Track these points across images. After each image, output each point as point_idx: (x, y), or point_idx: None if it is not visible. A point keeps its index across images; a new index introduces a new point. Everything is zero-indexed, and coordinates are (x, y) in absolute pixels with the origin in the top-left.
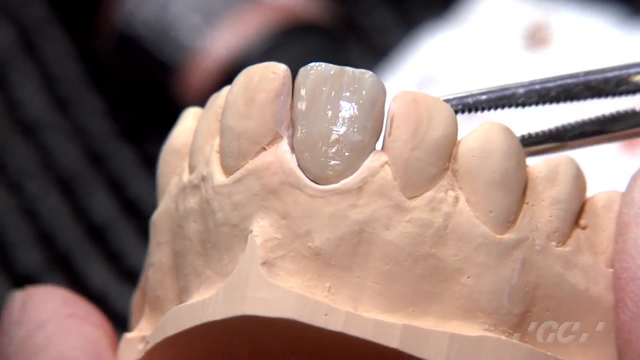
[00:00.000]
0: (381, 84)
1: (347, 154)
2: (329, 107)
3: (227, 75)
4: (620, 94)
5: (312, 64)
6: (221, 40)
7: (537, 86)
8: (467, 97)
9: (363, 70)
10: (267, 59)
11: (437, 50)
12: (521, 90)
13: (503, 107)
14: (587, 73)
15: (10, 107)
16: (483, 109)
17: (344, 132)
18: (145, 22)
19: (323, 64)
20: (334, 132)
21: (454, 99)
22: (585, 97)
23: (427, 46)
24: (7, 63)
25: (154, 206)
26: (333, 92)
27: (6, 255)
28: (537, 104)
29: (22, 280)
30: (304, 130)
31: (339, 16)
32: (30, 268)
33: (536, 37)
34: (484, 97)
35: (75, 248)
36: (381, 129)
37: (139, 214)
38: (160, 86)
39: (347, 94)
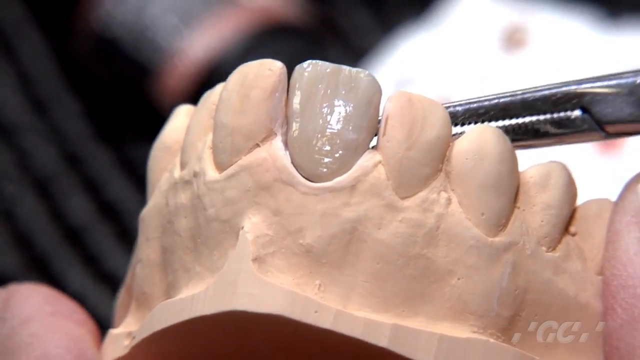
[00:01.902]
0: (377, 83)
1: (341, 152)
2: (324, 105)
3: (204, 77)
4: (559, 111)
5: (309, 61)
6: (199, 42)
7: (475, 105)
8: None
9: (359, 70)
10: (244, 61)
11: (414, 51)
12: (459, 109)
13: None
14: (524, 91)
15: None
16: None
17: (339, 131)
18: (122, 24)
19: (320, 62)
20: (328, 130)
21: None
22: (523, 116)
23: (405, 47)
24: None
25: (131, 208)
26: (329, 90)
27: None
28: (475, 122)
29: (0, 282)
30: (298, 128)
31: (317, 17)
32: (7, 270)
33: (513, 39)
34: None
35: (53, 250)
36: (376, 128)
37: (116, 216)
38: (138, 88)
39: (343, 92)
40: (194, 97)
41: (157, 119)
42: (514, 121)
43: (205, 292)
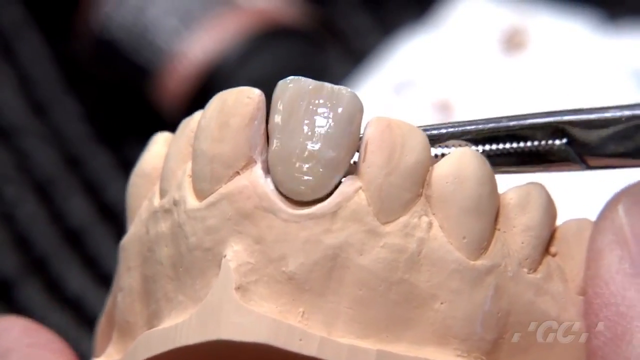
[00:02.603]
0: (359, 101)
1: (320, 170)
2: (305, 122)
3: (204, 79)
4: (542, 140)
5: (291, 77)
6: (198, 44)
7: (459, 129)
8: None
9: (341, 87)
10: (244, 63)
11: (414, 54)
12: (443, 132)
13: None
14: (509, 118)
15: None
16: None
17: (319, 148)
18: (122, 26)
19: (302, 79)
20: (308, 147)
21: None
22: (507, 142)
23: (405, 50)
24: None
25: None
26: (310, 107)
27: None
28: (460, 146)
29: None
30: (279, 144)
31: (318, 20)
32: (7, 272)
33: (513, 41)
34: None
35: (52, 252)
36: (356, 147)
37: (115, 217)
38: (138, 90)
39: (324, 109)
40: (193, 99)
41: (157, 121)
42: (499, 146)
43: (190, 322)
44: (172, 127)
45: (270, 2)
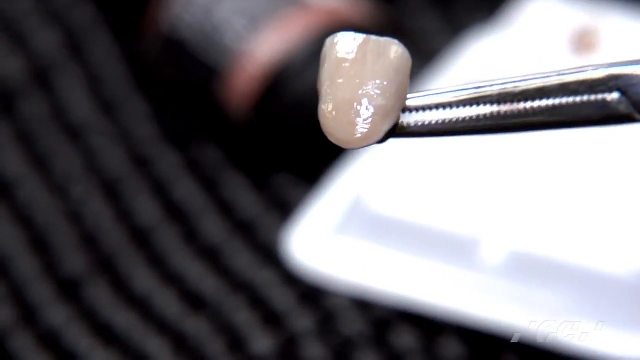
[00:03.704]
0: (406, 52)
1: (371, 118)
2: (353, 73)
3: (271, 79)
4: (595, 93)
5: (339, 33)
6: (266, 44)
7: (511, 83)
8: (440, 90)
9: (388, 39)
10: (311, 63)
11: (483, 54)
12: (495, 89)
13: (478, 104)
14: (559, 72)
15: (56, 110)
16: (458, 106)
17: (369, 97)
18: (190, 26)
19: (349, 33)
20: (358, 97)
21: (427, 93)
22: (559, 96)
23: (473, 50)
24: (54, 66)
25: (198, 210)
26: (358, 59)
27: (51, 258)
28: (511, 102)
29: (67, 283)
30: (327, 97)
31: (386, 19)
32: (74, 272)
33: (583, 42)
34: (456, 94)
35: (119, 252)
36: (405, 96)
37: (183, 217)
38: (205, 90)
39: (372, 60)
40: (260, 99)
41: (224, 121)
42: (550, 102)
43: None
44: (239, 126)
45: (340, 1)
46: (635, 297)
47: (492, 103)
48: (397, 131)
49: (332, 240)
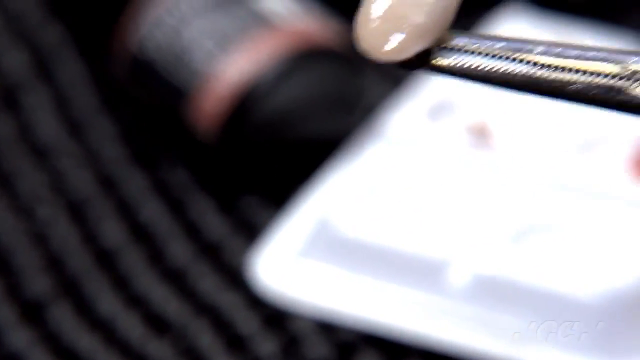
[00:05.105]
0: None
1: (405, 33)
2: None
3: (239, 101)
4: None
5: None
6: (234, 66)
7: (555, 49)
8: (483, 36)
9: None
10: (280, 84)
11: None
12: (538, 49)
13: (516, 60)
14: (608, 50)
15: (22, 130)
16: (496, 57)
17: (409, 12)
18: (159, 47)
19: None
20: (400, 9)
21: (469, 35)
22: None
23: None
24: (21, 86)
25: (164, 231)
26: None
27: (15, 280)
28: (550, 67)
29: (30, 305)
30: (369, 4)
31: (355, 42)
32: (38, 294)
33: None
34: (499, 43)
35: (84, 273)
36: (446, 23)
37: (148, 239)
38: (174, 111)
39: None
40: (228, 121)
41: (192, 143)
42: (589, 78)
43: None
44: (207, 148)
45: (309, 23)
46: (599, 321)
47: (532, 64)
48: (429, 63)
49: (298, 263)
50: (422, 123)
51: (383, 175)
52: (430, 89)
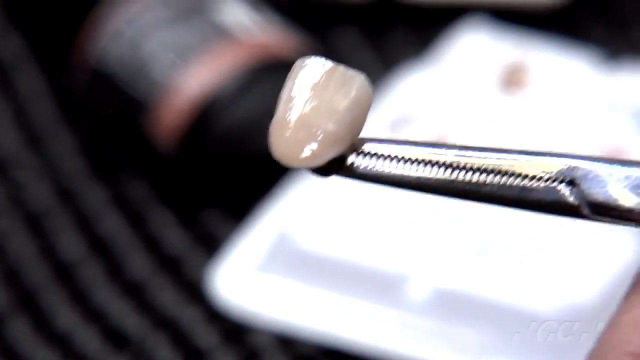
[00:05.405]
0: (369, 89)
1: (319, 141)
2: (312, 95)
3: (199, 113)
4: (548, 180)
5: (310, 56)
6: (195, 78)
7: (467, 152)
8: (396, 142)
9: (356, 72)
10: (241, 97)
11: (412, 89)
12: (449, 152)
13: (429, 164)
14: (516, 151)
15: None
16: (409, 161)
17: (321, 121)
18: (118, 59)
19: (319, 58)
20: (312, 118)
21: (383, 141)
22: (511, 176)
23: (402, 86)
24: None
25: (123, 244)
26: (321, 84)
27: None
28: (464, 169)
29: None
30: (282, 111)
31: (317, 54)
32: None
33: (512, 79)
34: (412, 148)
35: (42, 287)
36: (359, 130)
37: (107, 253)
38: (133, 123)
39: (334, 88)
40: (188, 133)
41: (152, 155)
42: (502, 179)
43: None
44: (167, 161)
45: (270, 35)
46: (557, 335)
47: (444, 167)
48: (343, 168)
49: (257, 277)
50: (384, 135)
51: (342, 189)
52: (392, 102)
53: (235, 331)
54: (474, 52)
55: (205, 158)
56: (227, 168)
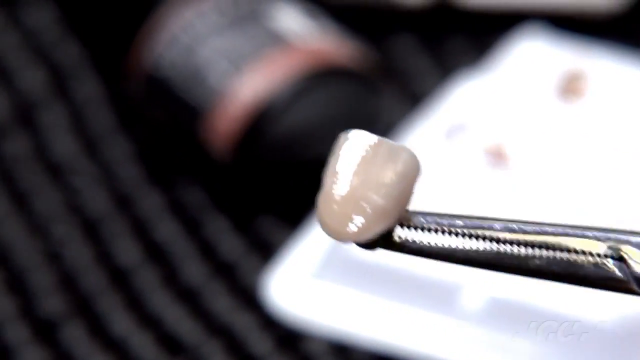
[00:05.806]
0: (417, 161)
1: (366, 216)
2: (359, 170)
3: (254, 120)
4: (596, 256)
5: (355, 130)
6: (249, 85)
7: (515, 226)
8: (443, 216)
9: (401, 145)
10: (295, 103)
11: (468, 97)
12: (497, 226)
13: (477, 238)
14: (564, 227)
15: (38, 149)
16: (457, 235)
17: (369, 195)
18: (173, 65)
19: (364, 132)
20: (360, 192)
21: (430, 214)
22: (559, 250)
23: (459, 93)
24: (37, 104)
25: (178, 251)
26: (368, 158)
27: (28, 299)
28: (511, 243)
29: (43, 325)
30: (330, 186)
31: (374, 61)
32: (51, 313)
33: (570, 87)
34: (459, 222)
35: (98, 293)
36: (406, 203)
37: (163, 259)
38: (188, 130)
39: (381, 162)
40: (242, 140)
41: (207, 162)
42: (550, 253)
43: None
44: (222, 167)
45: (325, 42)
46: (617, 347)
47: (491, 241)
48: (390, 242)
49: (312, 283)
50: (439, 143)
51: None
52: (448, 110)
53: (289, 338)
54: (531, 59)
55: (260, 164)
56: (281, 174)
